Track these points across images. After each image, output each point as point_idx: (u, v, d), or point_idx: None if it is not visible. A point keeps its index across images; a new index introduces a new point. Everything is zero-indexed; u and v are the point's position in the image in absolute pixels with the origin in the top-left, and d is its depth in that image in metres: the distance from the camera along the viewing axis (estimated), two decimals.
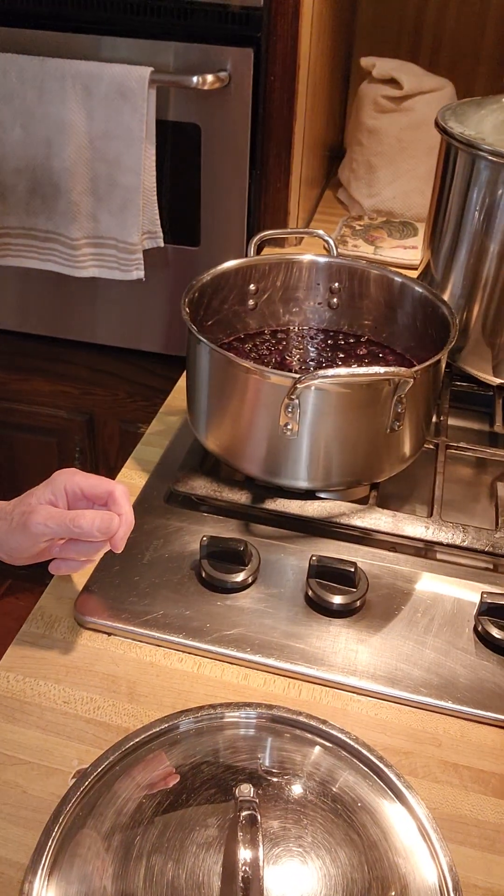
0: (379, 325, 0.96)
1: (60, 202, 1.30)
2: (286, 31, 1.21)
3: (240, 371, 0.77)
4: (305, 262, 0.96)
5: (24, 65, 1.21)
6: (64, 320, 1.53)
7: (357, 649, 0.70)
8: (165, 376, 1.48)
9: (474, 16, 1.59)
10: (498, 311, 0.97)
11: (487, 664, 0.69)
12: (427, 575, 0.77)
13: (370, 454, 0.80)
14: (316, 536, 0.80)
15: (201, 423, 0.85)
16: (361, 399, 0.75)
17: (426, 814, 0.55)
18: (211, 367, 0.80)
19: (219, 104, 1.25)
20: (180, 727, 0.59)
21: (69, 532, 0.64)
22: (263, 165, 1.32)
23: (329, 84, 1.52)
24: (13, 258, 1.38)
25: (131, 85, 1.20)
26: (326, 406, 0.75)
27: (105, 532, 0.64)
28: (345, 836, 0.53)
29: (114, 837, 0.52)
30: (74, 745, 0.62)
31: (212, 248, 1.38)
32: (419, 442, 0.84)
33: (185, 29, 1.22)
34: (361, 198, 1.53)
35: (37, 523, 0.64)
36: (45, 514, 0.64)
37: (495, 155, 0.89)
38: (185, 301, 0.82)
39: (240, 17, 1.21)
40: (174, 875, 0.49)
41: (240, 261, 0.92)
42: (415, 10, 1.61)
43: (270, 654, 0.69)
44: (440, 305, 0.86)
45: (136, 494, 0.85)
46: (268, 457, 0.79)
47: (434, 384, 0.82)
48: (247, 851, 0.47)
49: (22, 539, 0.65)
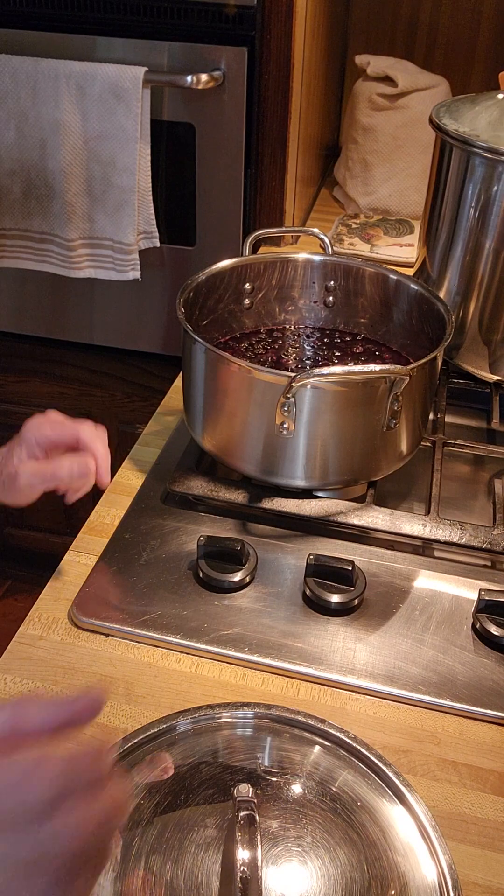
0: (375, 323, 0.96)
1: (55, 203, 1.30)
2: (280, 30, 1.21)
3: (235, 370, 0.76)
4: (301, 261, 0.96)
5: (18, 65, 1.21)
6: (60, 321, 1.52)
7: (355, 648, 0.70)
8: (162, 376, 1.48)
9: (469, 13, 1.58)
10: (494, 307, 0.97)
11: (486, 661, 0.69)
12: (425, 573, 0.77)
13: (367, 452, 0.80)
14: (313, 535, 0.80)
15: (197, 422, 0.85)
16: (358, 397, 0.75)
17: (425, 812, 0.55)
18: (206, 366, 0.80)
19: (213, 103, 1.25)
20: (178, 728, 0.59)
21: (55, 482, 0.69)
22: (258, 164, 1.32)
23: (324, 82, 1.52)
24: (9, 260, 1.37)
25: (125, 85, 1.19)
26: (323, 405, 0.75)
27: (85, 475, 0.69)
28: (344, 836, 0.52)
29: None
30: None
31: (208, 248, 1.38)
32: (416, 439, 0.84)
33: (179, 28, 1.22)
34: (357, 196, 1.52)
35: (24, 485, 0.68)
36: (27, 474, 0.68)
37: (490, 151, 0.88)
38: (180, 301, 0.82)
39: (233, 17, 1.20)
40: (173, 875, 0.49)
41: (235, 260, 0.92)
42: (409, 8, 1.61)
43: (268, 653, 0.69)
44: (436, 303, 0.86)
45: (132, 495, 0.85)
46: (264, 456, 0.79)
47: (430, 381, 0.82)
48: (245, 851, 0.47)
49: (17, 496, 0.70)
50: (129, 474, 0.88)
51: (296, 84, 1.26)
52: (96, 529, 0.81)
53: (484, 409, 1.01)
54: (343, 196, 1.57)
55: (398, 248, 1.37)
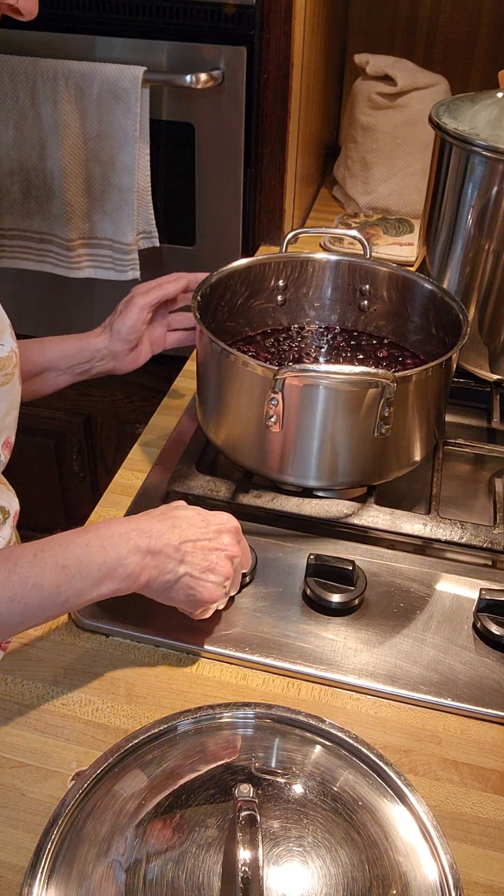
0: (403, 329, 0.96)
1: (55, 203, 1.30)
2: (279, 30, 1.20)
3: (228, 360, 0.76)
4: (336, 263, 0.96)
5: (17, 65, 1.21)
6: (60, 321, 1.52)
7: (356, 647, 0.70)
8: (162, 376, 1.47)
9: (468, 12, 1.58)
10: (495, 306, 0.96)
11: (487, 661, 0.69)
12: (425, 572, 0.77)
13: (360, 456, 0.79)
14: (314, 535, 0.80)
15: (205, 413, 0.85)
16: (347, 399, 0.74)
17: (426, 812, 0.54)
18: (208, 357, 0.80)
19: (212, 103, 1.25)
20: (179, 728, 0.59)
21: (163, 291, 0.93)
22: (258, 164, 1.32)
23: (323, 81, 1.52)
24: (8, 260, 1.37)
25: (124, 85, 1.19)
26: (313, 403, 0.75)
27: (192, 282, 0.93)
28: (345, 835, 0.52)
29: (113, 839, 0.52)
30: (73, 748, 0.61)
31: (207, 248, 1.38)
32: (427, 446, 0.83)
33: (178, 28, 1.22)
34: (357, 195, 1.52)
35: (139, 292, 0.93)
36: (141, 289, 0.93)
37: (490, 150, 0.88)
38: (196, 294, 0.82)
39: (233, 16, 1.20)
40: (174, 876, 0.49)
41: (271, 255, 0.94)
42: (408, 7, 1.61)
43: (269, 653, 0.69)
44: (458, 312, 0.84)
45: (133, 495, 0.85)
46: (259, 450, 0.79)
47: (441, 390, 0.81)
48: (246, 852, 0.47)
49: (131, 319, 0.93)
50: (129, 474, 0.88)
51: (295, 83, 1.26)
52: None
53: (484, 408, 1.01)
54: (343, 195, 1.57)
55: (398, 248, 1.37)
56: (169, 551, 0.63)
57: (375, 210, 1.51)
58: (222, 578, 0.66)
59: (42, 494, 1.79)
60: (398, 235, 1.41)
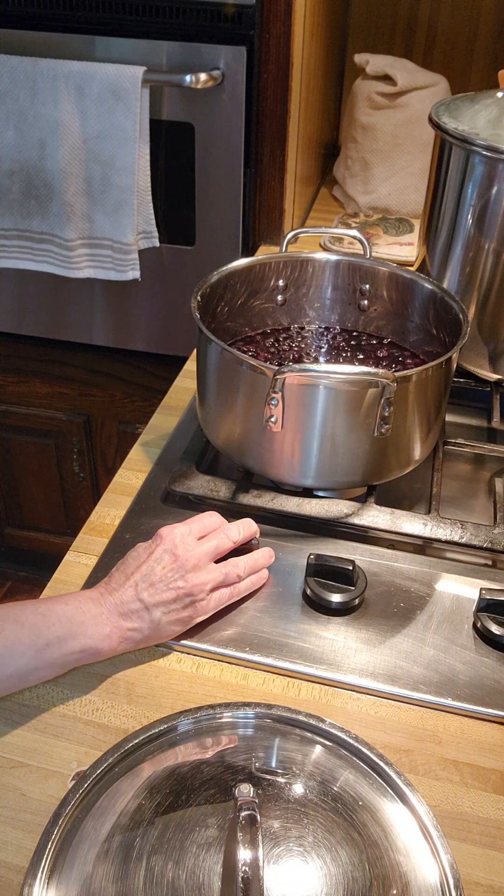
0: (403, 329, 0.95)
1: (55, 203, 1.30)
2: (279, 29, 1.20)
3: (228, 360, 0.76)
4: (336, 262, 0.95)
5: (17, 65, 1.21)
6: (60, 322, 1.52)
7: (356, 647, 0.70)
8: (162, 376, 1.48)
9: (468, 11, 1.58)
10: (495, 306, 0.96)
11: (487, 661, 0.69)
12: (425, 572, 0.77)
13: (360, 456, 0.79)
14: (314, 535, 0.80)
15: (205, 414, 0.85)
16: (347, 399, 0.74)
17: (427, 811, 0.54)
18: (206, 355, 0.80)
19: (212, 103, 1.25)
20: (179, 728, 0.59)
21: None
22: (258, 164, 1.32)
23: (323, 81, 1.52)
24: (8, 260, 1.37)
25: (124, 84, 1.19)
26: (314, 402, 0.75)
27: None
28: (345, 835, 0.52)
29: (113, 839, 0.52)
30: (73, 748, 0.61)
31: (207, 248, 1.38)
32: (428, 446, 0.84)
33: (178, 28, 1.22)
34: (357, 195, 1.52)
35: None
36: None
37: (490, 150, 0.88)
38: (196, 294, 0.82)
39: (232, 16, 1.20)
40: (174, 876, 0.49)
41: (271, 255, 0.93)
42: (408, 7, 1.61)
43: (269, 653, 0.69)
44: (458, 312, 0.84)
45: (132, 495, 0.85)
46: (258, 450, 0.79)
47: (439, 389, 0.81)
48: (246, 851, 0.47)
49: None
50: (129, 474, 0.88)
51: (295, 83, 1.26)
52: (96, 530, 0.81)
53: (484, 407, 1.01)
54: (343, 195, 1.57)
55: (398, 247, 1.37)
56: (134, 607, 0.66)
57: (375, 210, 1.51)
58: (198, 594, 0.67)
59: (42, 494, 1.79)
60: (398, 235, 1.41)
